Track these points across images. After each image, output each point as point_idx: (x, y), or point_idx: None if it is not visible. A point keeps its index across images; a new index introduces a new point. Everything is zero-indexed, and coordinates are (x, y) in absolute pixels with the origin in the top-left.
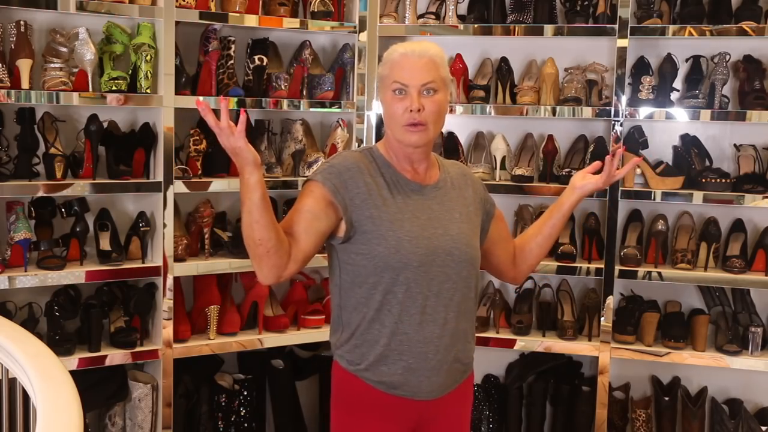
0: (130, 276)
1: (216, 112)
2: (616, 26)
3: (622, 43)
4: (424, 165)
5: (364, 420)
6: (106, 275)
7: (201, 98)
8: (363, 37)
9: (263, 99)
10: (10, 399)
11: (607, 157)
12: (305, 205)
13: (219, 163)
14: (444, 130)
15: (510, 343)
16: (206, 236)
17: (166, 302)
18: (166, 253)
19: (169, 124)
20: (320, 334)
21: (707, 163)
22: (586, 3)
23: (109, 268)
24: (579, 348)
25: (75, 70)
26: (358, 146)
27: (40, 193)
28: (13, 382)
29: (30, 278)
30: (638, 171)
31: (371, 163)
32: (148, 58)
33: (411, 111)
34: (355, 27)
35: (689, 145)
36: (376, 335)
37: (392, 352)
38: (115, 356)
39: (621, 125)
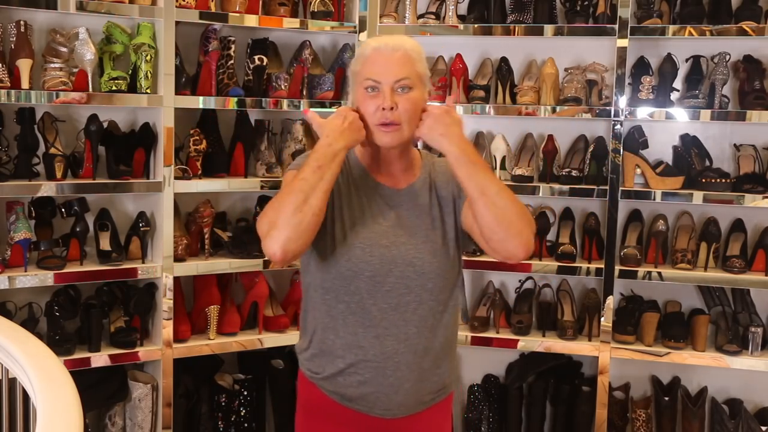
0: (130, 276)
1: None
2: (616, 26)
3: (622, 43)
4: (399, 166)
5: (323, 429)
6: (106, 275)
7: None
8: (363, 37)
9: (263, 99)
10: (10, 399)
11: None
12: None
13: (219, 163)
14: None
15: (510, 343)
16: (206, 236)
17: (166, 302)
18: (164, 253)
19: (169, 124)
20: None
21: (707, 163)
22: (586, 3)
23: (109, 268)
24: (579, 348)
25: (75, 70)
26: None
27: (40, 193)
28: (13, 382)
29: (30, 278)
30: (638, 171)
31: (344, 163)
32: (148, 58)
33: (383, 109)
34: (355, 27)
35: (689, 145)
36: (331, 345)
37: (348, 366)
38: (115, 356)
39: (621, 125)
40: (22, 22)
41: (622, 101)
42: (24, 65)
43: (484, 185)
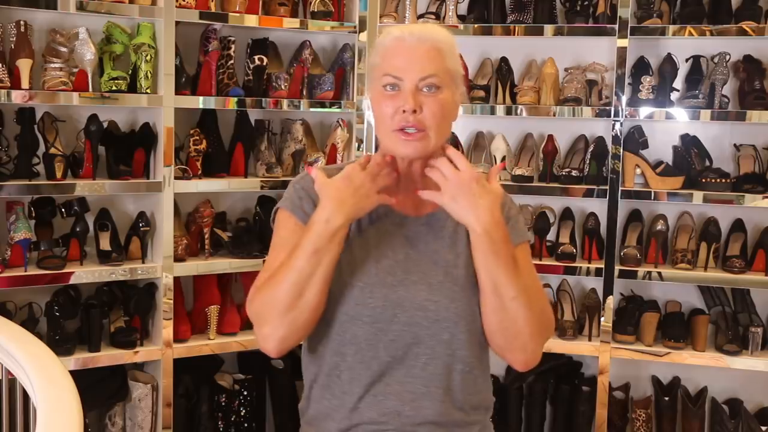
0: (129, 276)
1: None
2: (616, 26)
3: (622, 43)
4: (423, 186)
5: None
6: (105, 275)
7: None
8: (363, 37)
9: (263, 99)
10: (10, 399)
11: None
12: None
13: (219, 163)
14: None
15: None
16: (206, 236)
17: (166, 302)
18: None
19: (169, 124)
20: None
21: (707, 163)
22: (586, 3)
23: (108, 268)
24: (579, 348)
25: (75, 70)
26: (358, 147)
27: (40, 193)
28: (13, 382)
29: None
30: (638, 171)
31: None
32: (148, 58)
33: (404, 112)
34: (355, 27)
35: (689, 145)
36: (326, 407)
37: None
38: (115, 356)
39: (621, 125)
40: (22, 22)
41: (622, 101)
42: (24, 65)
43: (501, 284)
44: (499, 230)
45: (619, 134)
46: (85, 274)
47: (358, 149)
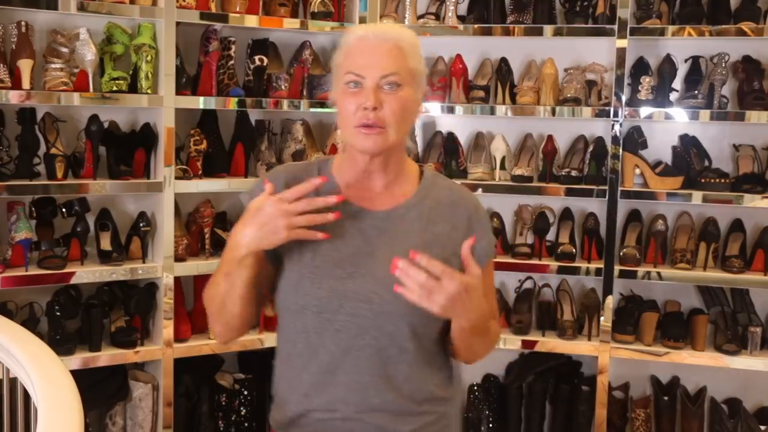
0: (130, 276)
1: None
2: (616, 26)
3: (621, 43)
4: (381, 182)
5: None
6: (105, 275)
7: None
8: None
9: (263, 99)
10: (11, 399)
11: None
12: None
13: (219, 163)
14: (444, 129)
15: (510, 343)
16: (206, 236)
17: (166, 302)
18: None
19: (169, 124)
20: None
21: (706, 163)
22: (586, 3)
23: (109, 268)
24: (579, 348)
25: (76, 70)
26: None
27: (41, 194)
28: (14, 381)
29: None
30: (638, 171)
31: (310, 177)
32: (149, 58)
33: (365, 109)
34: None
35: (688, 146)
36: (283, 392)
37: (297, 417)
38: (116, 356)
39: (620, 125)
40: (23, 23)
41: (622, 101)
42: (25, 65)
43: (473, 346)
44: (481, 314)
45: (618, 134)
46: (85, 273)
47: None
